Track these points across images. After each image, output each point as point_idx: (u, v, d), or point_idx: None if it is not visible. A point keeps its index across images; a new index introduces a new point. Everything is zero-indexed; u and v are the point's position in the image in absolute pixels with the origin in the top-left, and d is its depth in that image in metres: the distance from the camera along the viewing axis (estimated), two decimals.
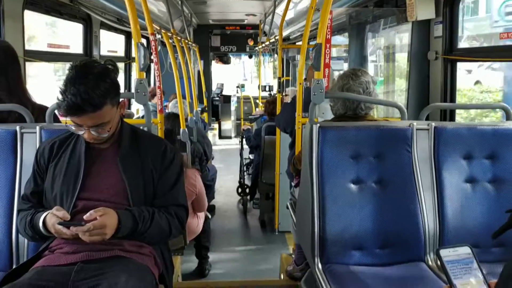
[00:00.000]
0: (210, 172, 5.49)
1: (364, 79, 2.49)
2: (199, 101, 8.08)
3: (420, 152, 2.30)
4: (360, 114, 2.50)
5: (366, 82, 2.49)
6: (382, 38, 4.56)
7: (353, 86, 2.48)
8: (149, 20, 3.10)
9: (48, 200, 1.97)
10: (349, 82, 2.49)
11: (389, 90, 4.57)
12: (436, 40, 3.30)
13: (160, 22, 5.89)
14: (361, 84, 2.48)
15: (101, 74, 1.82)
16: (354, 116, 2.51)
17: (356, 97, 2.42)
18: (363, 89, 2.48)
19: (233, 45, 10.88)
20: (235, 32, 10.41)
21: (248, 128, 7.07)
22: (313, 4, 3.18)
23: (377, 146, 2.27)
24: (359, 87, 2.47)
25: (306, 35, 3.63)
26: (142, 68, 2.28)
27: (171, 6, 5.46)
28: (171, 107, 5.36)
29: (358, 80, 2.48)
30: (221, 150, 10.77)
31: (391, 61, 4.39)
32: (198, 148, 4.79)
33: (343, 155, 2.25)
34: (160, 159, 2.04)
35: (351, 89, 2.48)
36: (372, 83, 2.51)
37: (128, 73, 6.51)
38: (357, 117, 2.51)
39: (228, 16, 8.73)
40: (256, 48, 9.61)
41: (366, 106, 2.50)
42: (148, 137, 2.12)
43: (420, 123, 2.34)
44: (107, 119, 1.86)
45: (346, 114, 2.53)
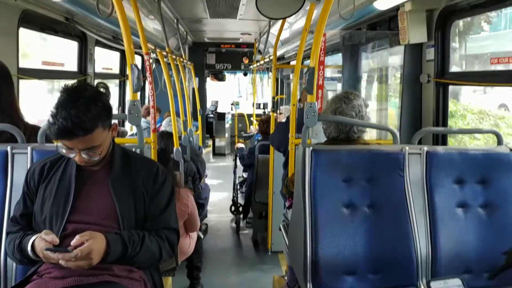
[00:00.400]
0: (203, 191, 5.46)
1: (356, 102, 2.51)
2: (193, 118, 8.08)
3: (412, 176, 2.31)
4: (353, 138, 2.52)
5: (359, 105, 2.51)
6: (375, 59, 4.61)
7: (346, 109, 2.50)
8: (144, 40, 3.11)
9: (38, 223, 1.95)
10: (342, 106, 2.51)
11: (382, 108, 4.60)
12: (428, 63, 3.34)
13: (155, 40, 5.91)
14: (353, 107, 2.50)
15: (92, 98, 1.82)
16: (346, 139, 2.52)
17: (349, 120, 2.43)
18: (356, 112, 2.50)
19: (228, 63, 10.95)
20: (230, 50, 10.48)
21: (241, 146, 7.07)
22: (307, 26, 3.22)
23: (369, 170, 2.28)
24: (352, 110, 2.49)
25: (300, 56, 3.67)
26: (135, 90, 2.28)
27: (166, 25, 5.49)
28: (164, 125, 5.36)
29: (350, 104, 2.50)
30: (215, 167, 10.75)
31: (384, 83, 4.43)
32: (191, 167, 4.77)
33: (336, 179, 2.26)
34: (151, 182, 2.02)
35: (344, 112, 2.50)
36: (364, 106, 2.53)
37: (122, 90, 6.50)
38: (349, 140, 2.53)
39: (224, 34, 8.80)
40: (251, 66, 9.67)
41: (359, 130, 2.52)
42: (140, 159, 2.11)
43: (412, 147, 2.36)
44: (98, 142, 1.85)
45: (339, 137, 2.54)
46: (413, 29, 3.22)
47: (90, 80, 4.78)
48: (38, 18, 3.71)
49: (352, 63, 4.50)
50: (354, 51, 4.49)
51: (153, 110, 3.29)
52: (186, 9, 5.87)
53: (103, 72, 5.87)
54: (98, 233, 1.79)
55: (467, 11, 2.97)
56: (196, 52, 10.07)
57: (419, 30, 3.23)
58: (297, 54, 3.54)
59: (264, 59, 7.12)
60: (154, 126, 3.22)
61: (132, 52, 2.31)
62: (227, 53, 10.72)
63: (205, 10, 5.72)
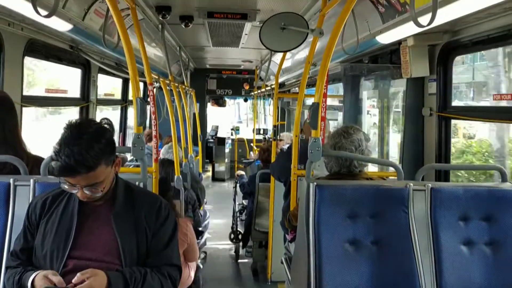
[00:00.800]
0: (202, 218, 5.42)
1: (356, 137, 2.52)
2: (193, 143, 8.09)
3: (417, 212, 2.30)
4: (355, 172, 2.52)
5: (359, 140, 2.52)
6: (377, 90, 4.64)
7: (345, 144, 2.51)
8: (148, 70, 3.14)
9: (38, 258, 1.92)
10: (341, 141, 2.52)
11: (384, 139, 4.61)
12: (430, 96, 3.36)
13: (157, 67, 5.97)
14: (353, 142, 2.51)
15: (96, 134, 1.81)
16: (348, 173, 2.52)
17: (352, 155, 2.43)
18: (355, 146, 2.51)
19: (229, 89, 11.03)
20: (231, 76, 10.57)
21: (242, 173, 7.05)
22: (309, 59, 3.25)
23: (374, 206, 2.27)
24: (351, 145, 2.50)
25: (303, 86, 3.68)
26: (140, 123, 2.29)
27: (169, 52, 5.55)
28: (163, 152, 5.33)
29: (350, 138, 2.51)
30: (214, 192, 10.70)
31: (385, 114, 4.45)
32: (191, 195, 4.75)
33: (340, 214, 2.24)
34: (154, 217, 2.00)
35: (343, 147, 2.51)
36: (365, 140, 2.54)
37: (124, 115, 6.53)
38: (352, 175, 2.53)
39: (225, 61, 8.89)
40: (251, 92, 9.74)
41: (360, 164, 2.52)
42: (143, 193, 2.10)
43: (416, 183, 2.35)
44: (101, 179, 1.84)
45: (341, 172, 2.54)
46: (415, 63, 3.25)
47: (92, 106, 4.80)
48: (43, 46, 3.74)
49: (353, 93, 4.53)
50: (355, 82, 4.53)
51: (155, 139, 3.29)
52: (189, 38, 5.95)
53: (105, 98, 5.91)
54: (99, 271, 1.76)
55: (469, 47, 3.01)
56: (198, 77, 10.16)
57: (421, 64, 3.26)
58: (300, 85, 3.57)
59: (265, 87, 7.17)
60: (157, 155, 3.22)
61: (137, 85, 2.32)
62: (228, 79, 10.81)
63: (208, 39, 5.79)
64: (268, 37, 3.37)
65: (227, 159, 12.24)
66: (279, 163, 4.30)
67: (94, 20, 3.26)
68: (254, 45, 6.18)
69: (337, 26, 2.38)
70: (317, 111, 2.33)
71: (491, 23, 2.63)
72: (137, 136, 2.27)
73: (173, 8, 4.03)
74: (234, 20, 4.18)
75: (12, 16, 2.97)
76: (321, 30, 3.01)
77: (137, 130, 2.31)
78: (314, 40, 3.17)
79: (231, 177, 11.92)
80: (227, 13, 4.12)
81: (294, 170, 3.46)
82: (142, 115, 2.27)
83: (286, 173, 3.84)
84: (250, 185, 5.95)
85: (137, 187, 2.14)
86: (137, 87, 2.34)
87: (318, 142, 2.32)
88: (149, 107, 3.20)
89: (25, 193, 2.18)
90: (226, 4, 3.98)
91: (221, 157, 12.08)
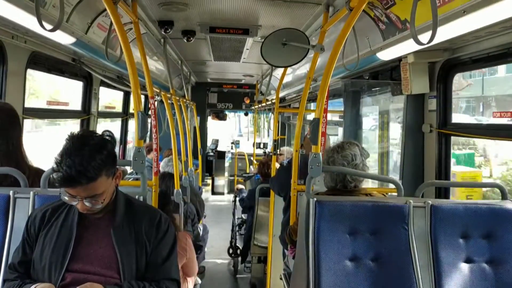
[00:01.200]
0: (202, 232, 5.40)
1: (349, 151, 2.54)
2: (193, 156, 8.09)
3: (416, 229, 2.30)
4: (350, 187, 2.52)
5: (352, 154, 2.54)
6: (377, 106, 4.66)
7: (337, 159, 2.54)
8: (150, 84, 3.16)
9: (36, 271, 1.91)
10: (333, 156, 2.56)
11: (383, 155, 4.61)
12: (430, 113, 3.38)
13: (158, 80, 6.00)
14: (345, 157, 2.53)
15: (97, 146, 1.83)
16: (344, 189, 2.53)
17: (350, 171, 2.44)
18: (348, 161, 2.53)
19: (230, 103, 11.06)
20: (232, 90, 10.61)
21: (241, 188, 7.04)
22: (310, 74, 3.27)
23: (373, 222, 2.27)
24: (343, 160, 2.53)
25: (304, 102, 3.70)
26: (141, 137, 2.30)
27: (171, 66, 5.59)
28: (163, 166, 5.33)
29: (342, 153, 2.53)
30: (214, 206, 10.66)
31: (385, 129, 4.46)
32: (191, 209, 4.74)
33: (340, 231, 2.24)
34: (154, 231, 2.00)
35: (336, 162, 2.54)
36: (360, 155, 2.54)
37: (124, 128, 6.54)
38: (351, 191, 2.53)
39: (226, 75, 8.93)
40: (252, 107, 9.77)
41: (354, 178, 2.52)
42: (143, 207, 2.10)
43: (417, 200, 2.35)
44: (101, 190, 1.85)
45: (337, 187, 2.55)
46: (415, 80, 3.27)
47: (93, 119, 4.81)
48: (46, 59, 3.76)
49: (354, 109, 4.55)
50: (356, 97, 4.55)
51: (155, 153, 3.30)
52: (190, 52, 5.98)
53: (107, 111, 5.93)
54: (97, 285, 1.76)
55: (469, 65, 3.03)
56: (199, 91, 10.20)
57: (422, 81, 3.28)
58: (301, 101, 3.58)
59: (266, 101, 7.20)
60: (157, 168, 3.22)
61: (139, 99, 2.34)
62: (229, 93, 10.85)
63: (209, 53, 5.83)
64: (269, 53, 3.40)
65: (227, 173, 12.23)
66: (279, 177, 4.30)
67: (97, 33, 3.30)
68: (255, 60, 6.22)
69: (338, 42, 2.40)
70: (317, 126, 2.34)
71: (491, 41, 2.65)
72: (137, 149, 2.27)
73: (175, 23, 4.07)
74: (236, 35, 4.22)
75: (16, 29, 3.00)
76: (322, 46, 3.04)
77: (138, 144, 2.32)
78: (315, 56, 3.20)
79: (230, 191, 11.90)
80: (229, 28, 4.16)
81: (294, 185, 3.46)
82: (143, 128, 2.28)
83: (286, 188, 3.85)
84: (249, 199, 5.94)
85: (137, 201, 2.14)
86: (139, 100, 2.36)
87: (318, 158, 2.33)
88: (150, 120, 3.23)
89: (25, 206, 2.18)
90: (228, 19, 4.02)
91: (221, 171, 12.07)
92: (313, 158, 2.33)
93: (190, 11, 3.75)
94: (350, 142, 2.62)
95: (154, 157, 3.33)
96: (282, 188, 4.15)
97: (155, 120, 3.28)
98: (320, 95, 2.45)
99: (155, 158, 3.29)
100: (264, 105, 7.38)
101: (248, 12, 3.77)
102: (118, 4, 2.53)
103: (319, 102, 2.44)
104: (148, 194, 2.45)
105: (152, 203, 2.74)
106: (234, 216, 6.97)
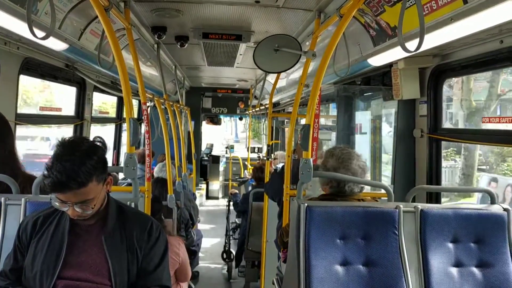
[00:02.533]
0: (195, 237, 5.40)
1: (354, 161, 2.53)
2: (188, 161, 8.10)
3: (406, 234, 2.31)
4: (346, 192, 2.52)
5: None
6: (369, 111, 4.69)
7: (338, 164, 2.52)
8: (142, 89, 3.17)
9: (28, 278, 1.91)
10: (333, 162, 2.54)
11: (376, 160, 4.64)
12: (421, 118, 3.41)
13: (152, 86, 6.01)
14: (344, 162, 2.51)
15: (88, 151, 1.84)
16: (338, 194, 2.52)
17: (343, 177, 2.45)
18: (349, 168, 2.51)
19: (224, 107, 11.07)
20: (227, 95, 10.63)
21: (235, 192, 7.05)
22: (302, 80, 3.29)
23: (364, 228, 2.28)
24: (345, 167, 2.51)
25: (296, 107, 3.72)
26: (133, 143, 2.31)
27: (164, 71, 5.60)
28: (157, 171, 5.34)
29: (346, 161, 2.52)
30: (208, 210, 10.66)
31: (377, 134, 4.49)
32: (184, 214, 4.75)
33: (331, 236, 2.25)
34: (145, 238, 2.01)
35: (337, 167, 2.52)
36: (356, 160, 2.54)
37: (118, 134, 6.54)
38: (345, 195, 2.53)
39: (220, 80, 8.95)
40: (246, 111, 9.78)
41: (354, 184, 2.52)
42: (134, 214, 2.10)
43: (407, 205, 2.37)
44: (92, 196, 1.85)
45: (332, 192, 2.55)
46: (406, 85, 3.30)
47: (86, 124, 4.81)
48: (39, 65, 3.77)
49: (346, 114, 4.57)
50: (348, 102, 4.58)
51: (148, 159, 3.31)
52: (184, 57, 6.00)
53: (100, 116, 5.93)
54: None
55: (459, 70, 3.06)
56: (193, 96, 10.21)
57: (412, 87, 3.31)
58: (293, 105, 3.60)
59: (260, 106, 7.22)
60: (150, 174, 3.23)
61: (131, 106, 2.35)
62: (223, 98, 10.86)
63: (203, 59, 5.85)
64: (262, 59, 3.42)
65: (221, 178, 12.24)
66: (273, 182, 4.31)
67: (89, 39, 3.30)
68: (249, 65, 6.24)
69: (328, 48, 2.43)
70: (308, 132, 2.36)
71: (479, 48, 2.69)
72: (129, 156, 2.28)
73: (168, 29, 4.09)
74: (229, 41, 4.24)
75: (9, 36, 3.01)
76: (314, 52, 3.07)
77: (130, 150, 2.33)
78: (307, 62, 3.23)
79: (225, 195, 11.90)
80: (222, 34, 4.18)
81: (287, 190, 3.47)
82: (135, 135, 2.29)
83: (280, 193, 3.86)
84: (243, 204, 5.95)
85: (129, 207, 2.15)
86: (131, 107, 2.37)
87: (309, 163, 2.34)
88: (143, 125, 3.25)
89: (16, 212, 2.18)
90: (221, 25, 4.04)
91: (215, 176, 12.09)
92: (304, 164, 2.35)
93: (183, 17, 3.77)
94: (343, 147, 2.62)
95: (147, 163, 3.34)
96: (276, 193, 4.16)
97: (147, 126, 3.29)
98: (311, 101, 2.47)
99: (148, 164, 3.31)
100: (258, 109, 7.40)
101: (241, 18, 3.79)
102: (111, 11, 2.54)
103: (309, 108, 2.46)
104: (140, 201, 2.45)
105: (144, 209, 2.74)
106: (228, 221, 6.98)
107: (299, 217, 2.26)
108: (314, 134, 3.36)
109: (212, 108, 11.04)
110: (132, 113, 2.37)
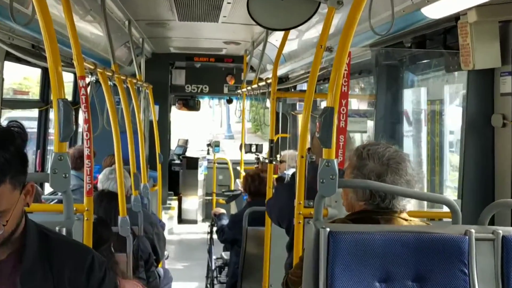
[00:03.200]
0: (161, 281, 5.42)
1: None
2: (150, 166, 8.10)
3: (481, 273, 2.32)
4: (389, 209, 2.52)
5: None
6: (424, 88, 4.70)
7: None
8: (79, 57, 3.17)
9: None
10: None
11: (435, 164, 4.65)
12: (503, 98, 3.40)
13: (95, 51, 6.00)
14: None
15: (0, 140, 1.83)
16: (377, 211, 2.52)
17: (397, 190, 2.44)
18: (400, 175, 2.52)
19: (205, 84, 11.03)
20: (208, 66, 10.59)
21: (221, 213, 7.05)
22: (322, 42, 3.29)
23: (416, 264, 2.30)
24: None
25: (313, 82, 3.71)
26: (63, 137, 2.30)
27: (113, 30, 5.59)
28: (102, 179, 5.33)
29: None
30: (181, 240, 10.70)
31: (437, 123, 4.50)
32: (144, 246, 4.76)
33: (366, 277, 2.27)
34: (83, 279, 2.01)
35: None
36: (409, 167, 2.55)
37: (44, 124, 6.55)
38: (385, 213, 2.53)
39: (199, 43, 8.92)
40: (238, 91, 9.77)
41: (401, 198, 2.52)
42: (65, 243, 2.10)
43: (482, 229, 2.37)
44: (4, 206, 1.84)
45: (368, 209, 2.55)
46: (480, 48, 3.29)
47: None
48: None
49: (389, 93, 4.58)
50: (392, 75, 4.58)
51: (88, 161, 3.30)
52: (142, 8, 6.00)
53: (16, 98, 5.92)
54: None
55: None
56: (157, 67, 10.19)
57: (490, 50, 3.31)
58: (309, 80, 3.60)
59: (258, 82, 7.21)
60: (90, 185, 3.22)
61: (61, 80, 2.34)
62: (203, 70, 10.84)
63: (171, 10, 5.84)
64: (261, 9, 3.42)
65: (200, 191, 12.25)
66: (279, 199, 4.32)
67: None
68: (241, 20, 6.25)
69: None
70: (331, 120, 2.35)
71: None
72: (58, 157, 2.27)
73: None
74: None
75: None
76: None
77: (59, 149, 2.31)
78: (330, 13, 3.22)
79: (206, 217, 11.92)
80: None
81: (300, 209, 3.47)
82: (67, 125, 2.27)
83: (289, 214, 3.85)
84: (232, 230, 5.95)
85: (56, 234, 2.15)
86: (60, 83, 2.35)
87: (333, 167, 2.33)
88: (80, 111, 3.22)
89: None
90: None
91: (191, 188, 12.11)
92: (325, 167, 2.34)
93: None
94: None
95: (86, 168, 3.34)
96: (283, 215, 4.17)
97: (87, 111, 3.28)
98: (335, 72, 2.46)
99: (88, 170, 3.30)
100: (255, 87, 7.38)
101: None
102: None
103: (332, 85, 2.45)
104: (76, 224, 2.44)
105: (83, 238, 2.74)
106: (210, 255, 7.00)
107: (317, 249, 2.26)
108: (341, 124, 3.36)
109: (187, 86, 11.02)
110: (63, 92, 2.35)
